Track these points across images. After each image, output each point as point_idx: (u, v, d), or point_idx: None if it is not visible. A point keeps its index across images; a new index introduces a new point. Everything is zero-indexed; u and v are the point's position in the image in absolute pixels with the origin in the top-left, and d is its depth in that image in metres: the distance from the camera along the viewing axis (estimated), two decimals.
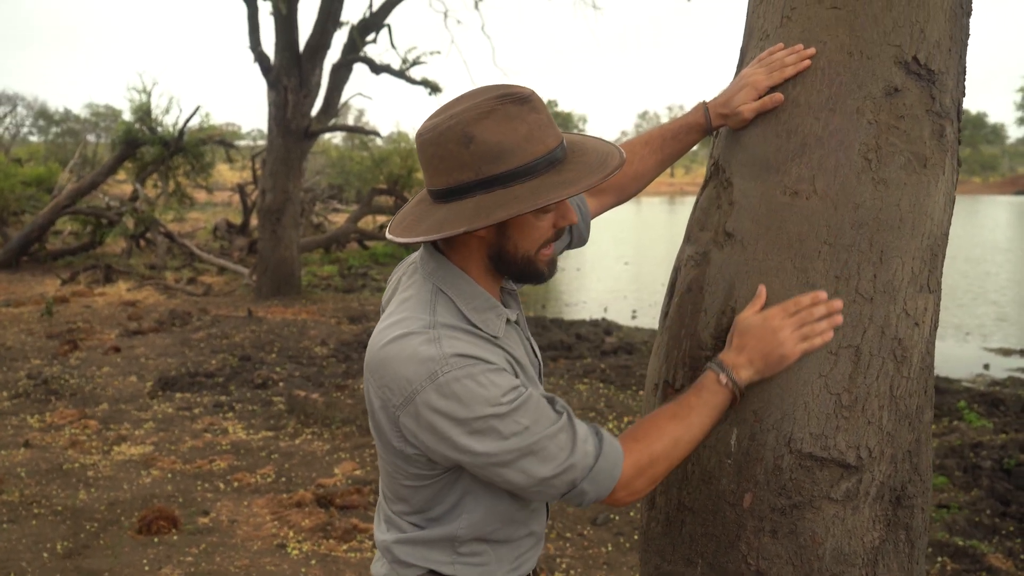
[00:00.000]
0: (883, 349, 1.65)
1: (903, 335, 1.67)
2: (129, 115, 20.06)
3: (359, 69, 14.94)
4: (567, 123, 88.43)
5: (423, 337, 1.49)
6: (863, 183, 1.68)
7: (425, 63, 15.68)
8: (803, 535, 1.64)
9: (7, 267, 17.13)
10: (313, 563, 4.50)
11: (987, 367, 9.92)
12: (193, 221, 26.16)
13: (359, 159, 29.09)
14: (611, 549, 4.74)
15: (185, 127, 18.95)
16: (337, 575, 4.40)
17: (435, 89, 15.24)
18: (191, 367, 8.83)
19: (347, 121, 48.57)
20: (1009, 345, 11.22)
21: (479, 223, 1.44)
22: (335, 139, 48.89)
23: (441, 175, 1.50)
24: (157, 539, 4.75)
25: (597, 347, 10.05)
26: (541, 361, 1.75)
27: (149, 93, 19.84)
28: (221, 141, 21.64)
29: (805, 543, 1.64)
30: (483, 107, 1.46)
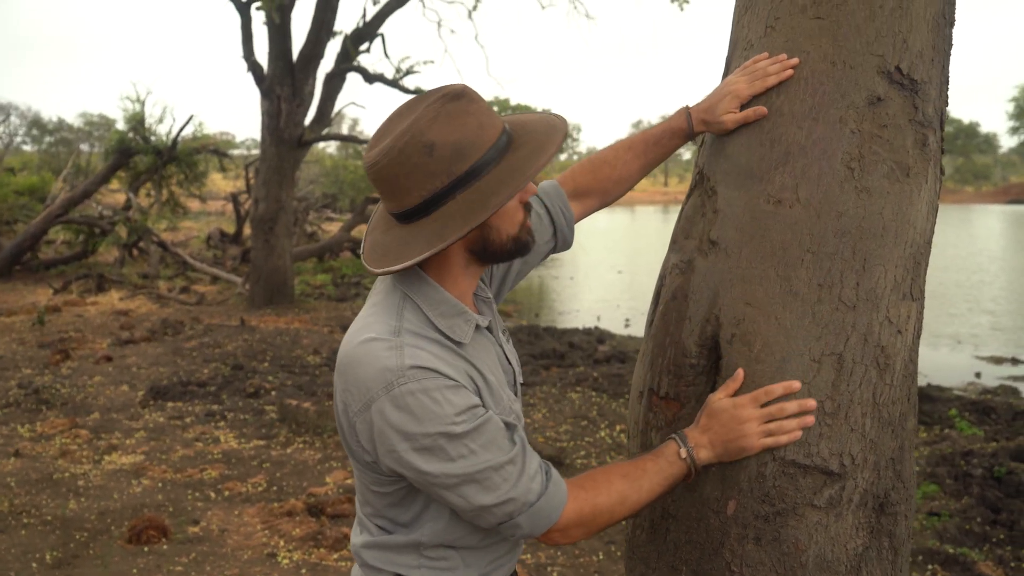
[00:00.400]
0: (866, 357, 1.66)
1: (886, 343, 1.68)
2: (123, 124, 20.08)
3: (352, 78, 14.95)
4: None
5: (386, 344, 1.50)
6: (846, 192, 1.69)
7: (419, 72, 15.70)
8: (786, 542, 1.65)
9: None
10: (303, 572, 4.49)
11: (978, 375, 9.95)
12: (186, 230, 26.15)
13: (353, 168, 29.12)
14: (602, 557, 4.74)
15: (179, 136, 18.94)
16: None
17: None
18: (183, 376, 8.81)
19: (341, 130, 48.51)
20: (1000, 353, 11.26)
21: (476, 218, 1.45)
22: (329, 148, 48.93)
23: (412, 191, 1.50)
24: (147, 548, 4.73)
25: (590, 355, 10.06)
26: (515, 370, 1.74)
27: (143, 102, 19.88)
28: (215, 150, 21.63)
29: (788, 550, 1.65)
30: (427, 114, 1.47)
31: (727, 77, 1.89)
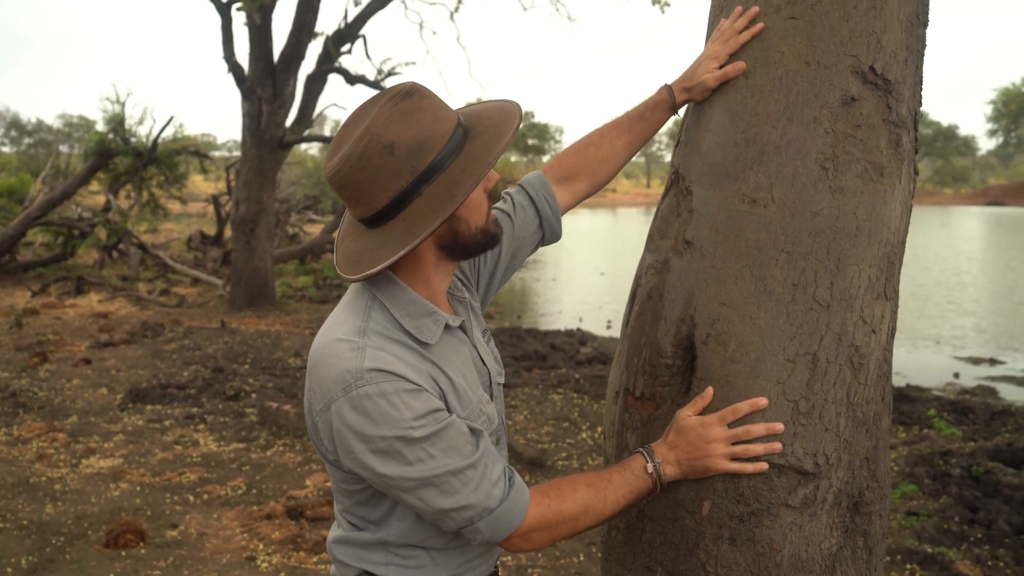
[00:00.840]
0: (840, 356, 1.66)
1: (860, 342, 1.68)
2: (102, 125, 19.95)
3: (334, 79, 14.90)
4: (543, 134, 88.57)
5: (349, 345, 1.50)
6: (820, 191, 1.69)
7: (400, 74, 15.66)
8: (761, 542, 1.65)
9: None
10: (283, 575, 4.47)
11: (957, 376, 10.02)
12: (167, 232, 25.97)
13: None
14: (583, 559, 4.73)
15: (159, 137, 18.84)
16: None
17: None
18: (163, 379, 8.75)
19: (323, 132, 48.38)
20: (979, 354, 11.34)
21: (445, 210, 1.45)
22: (311, 150, 48.81)
23: (377, 194, 1.49)
24: (124, 553, 4.69)
25: (572, 357, 10.06)
26: (491, 371, 1.73)
27: (123, 103, 19.74)
28: (195, 152, 21.53)
29: (763, 550, 1.64)
30: (382, 115, 1.48)
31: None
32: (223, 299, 14.47)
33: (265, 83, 13.50)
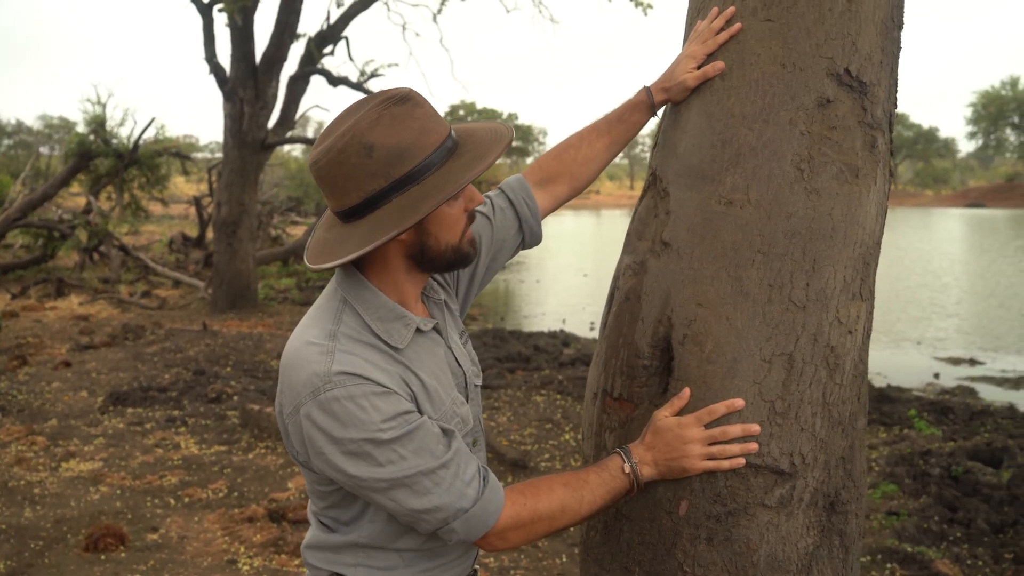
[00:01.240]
0: (816, 356, 1.67)
1: (836, 343, 1.69)
2: (83, 127, 19.82)
3: (316, 81, 14.85)
4: (527, 135, 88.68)
5: (319, 349, 1.51)
6: (796, 193, 1.70)
7: (383, 75, 15.63)
8: (738, 542, 1.65)
9: None
10: None
11: (937, 376, 10.09)
12: (148, 234, 25.84)
13: None
14: (565, 560, 4.74)
15: (140, 139, 18.73)
16: None
17: None
18: (144, 382, 8.70)
19: (306, 133, 48.25)
20: (959, 354, 11.42)
21: (407, 222, 1.45)
22: (294, 151, 48.66)
23: (350, 192, 1.50)
24: (104, 556, 4.66)
25: (555, 358, 10.07)
26: (466, 372, 1.73)
27: (104, 105, 19.62)
28: (177, 153, 21.43)
29: (740, 550, 1.65)
30: (370, 116, 1.48)
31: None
32: (205, 301, 14.40)
33: (247, 84, 13.45)
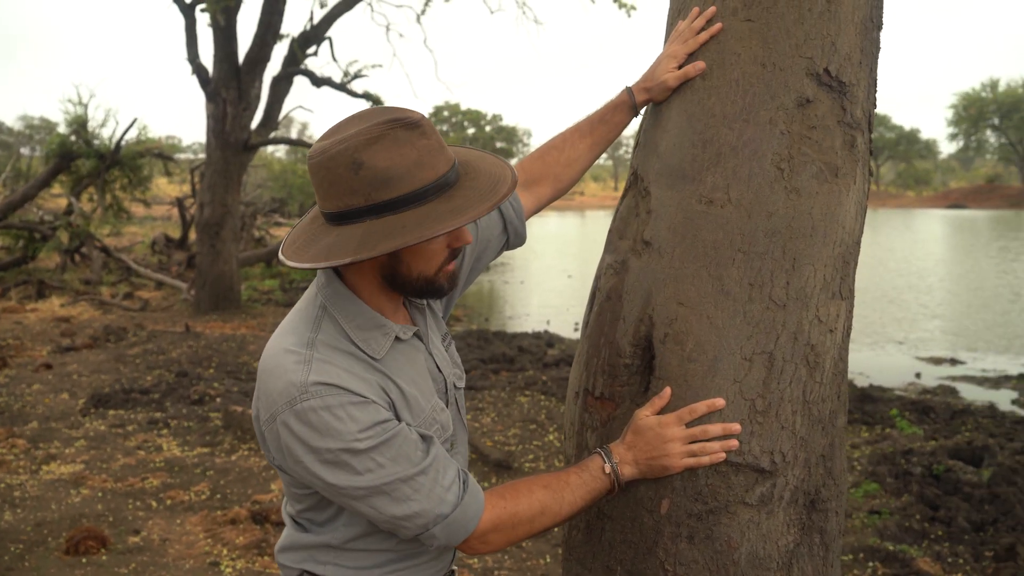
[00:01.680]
0: (796, 355, 1.68)
1: (816, 341, 1.70)
2: (64, 127, 19.67)
3: (300, 82, 14.82)
4: (511, 137, 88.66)
5: (296, 357, 1.50)
6: (776, 192, 1.71)
7: (367, 76, 15.63)
8: (719, 540, 1.66)
9: None
10: None
11: (918, 376, 10.15)
12: (131, 235, 25.68)
13: (301, 172, 28.85)
14: (549, 560, 4.74)
15: (122, 140, 18.61)
16: None
17: (377, 102, 15.18)
18: (126, 383, 8.65)
19: (290, 134, 48.11)
20: (940, 354, 11.50)
21: (363, 254, 1.43)
22: (278, 152, 48.51)
23: (331, 199, 1.49)
24: (85, 559, 4.63)
25: (539, 359, 10.07)
26: (445, 377, 1.73)
27: (85, 105, 19.49)
28: (159, 154, 21.30)
29: (721, 548, 1.66)
30: (372, 132, 1.45)
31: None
32: (188, 303, 14.33)
33: (230, 85, 13.40)
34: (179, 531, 5.07)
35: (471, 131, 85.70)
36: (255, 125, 13.97)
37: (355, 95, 15.16)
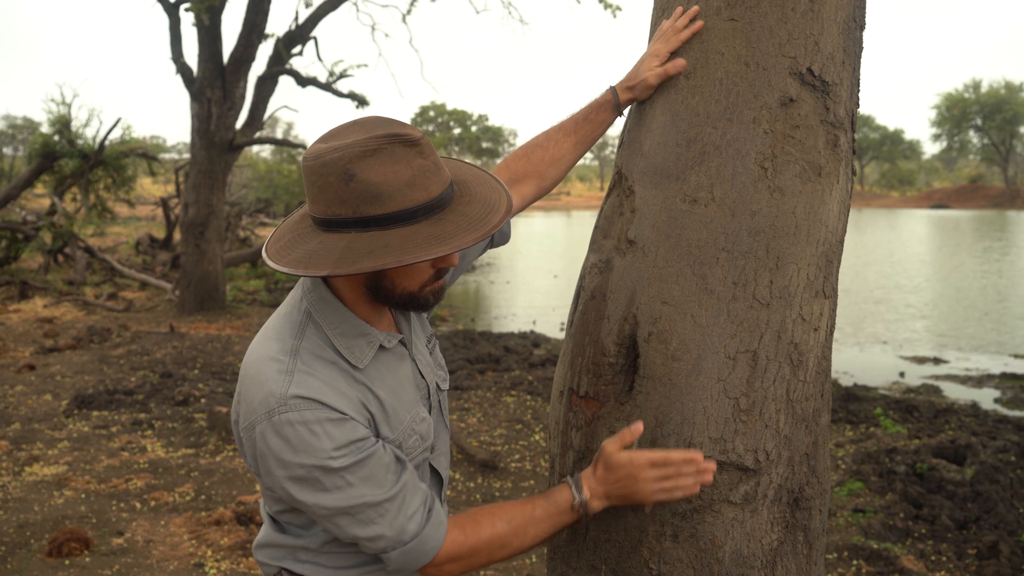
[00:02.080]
0: (780, 354, 1.68)
1: (799, 340, 1.70)
2: (47, 127, 19.55)
3: (285, 81, 14.77)
4: (497, 137, 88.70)
5: (279, 367, 1.49)
6: (759, 191, 1.71)
7: (352, 76, 15.60)
8: (703, 538, 1.66)
9: None
10: None
11: (902, 375, 10.20)
12: (115, 235, 25.54)
13: (287, 172, 28.75)
14: (535, 560, 4.74)
15: (106, 139, 18.51)
16: None
17: (362, 102, 15.16)
18: (109, 384, 8.60)
19: (276, 134, 47.98)
20: (923, 353, 11.56)
21: (341, 270, 1.41)
22: (263, 152, 48.34)
23: (320, 204, 1.48)
24: (68, 562, 4.60)
25: (525, 359, 10.08)
26: (428, 382, 1.72)
27: (69, 105, 19.37)
28: (143, 154, 21.18)
29: (705, 546, 1.66)
30: (369, 144, 1.43)
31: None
32: (172, 303, 14.26)
33: (215, 85, 13.34)
34: (163, 532, 5.05)
35: (457, 131, 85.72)
36: (240, 125, 13.92)
37: (340, 95, 15.12)
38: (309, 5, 14.26)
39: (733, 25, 1.77)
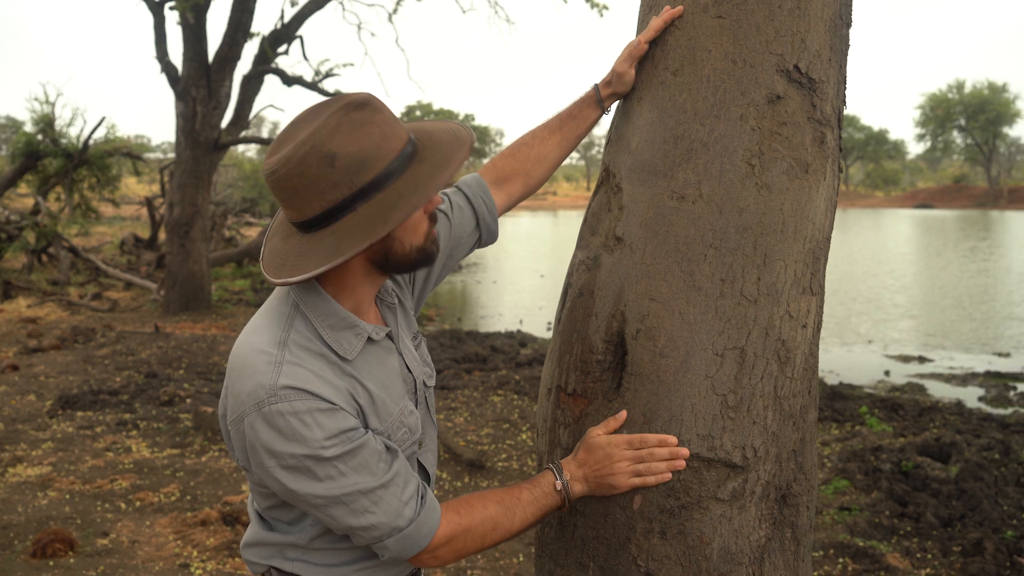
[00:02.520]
0: (767, 350, 1.68)
1: (786, 336, 1.71)
2: (31, 126, 19.42)
3: (271, 80, 14.73)
4: (484, 136, 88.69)
5: (267, 358, 1.48)
6: (747, 188, 1.71)
7: (338, 75, 15.51)
8: (691, 535, 1.66)
9: None
10: None
11: (887, 374, 10.25)
12: (99, 235, 25.40)
13: None
14: (522, 559, 4.73)
15: (90, 139, 18.40)
16: None
17: None
18: (94, 385, 8.54)
19: (261, 133, 47.73)
20: (908, 352, 11.62)
21: (377, 232, 1.42)
22: (248, 152, 48.18)
23: (311, 202, 1.46)
24: (52, 563, 4.57)
25: (512, 359, 10.07)
26: (415, 377, 1.72)
27: (52, 104, 19.25)
28: (128, 153, 21.08)
29: (693, 543, 1.66)
30: (330, 123, 1.44)
31: None
32: (157, 303, 14.19)
33: (200, 84, 13.28)
34: (148, 533, 5.02)
35: None
36: (225, 124, 13.85)
37: (326, 94, 15.06)
38: (295, 4, 14.21)
39: (720, 22, 1.77)
